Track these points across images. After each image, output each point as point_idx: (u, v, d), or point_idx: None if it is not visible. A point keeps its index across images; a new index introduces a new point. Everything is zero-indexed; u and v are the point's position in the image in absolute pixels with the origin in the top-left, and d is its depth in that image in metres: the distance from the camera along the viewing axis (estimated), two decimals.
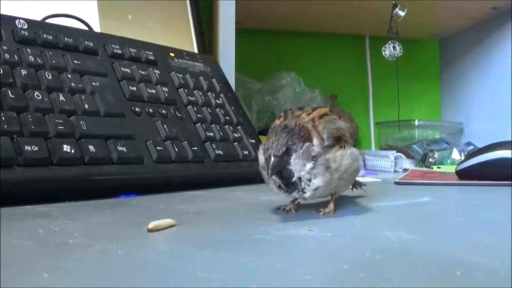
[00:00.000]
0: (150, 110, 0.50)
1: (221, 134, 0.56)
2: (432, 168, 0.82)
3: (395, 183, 0.58)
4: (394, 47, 0.93)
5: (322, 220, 0.32)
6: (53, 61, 0.45)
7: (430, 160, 0.86)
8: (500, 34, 1.00)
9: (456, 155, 0.86)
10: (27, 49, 0.44)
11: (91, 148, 0.41)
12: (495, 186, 0.53)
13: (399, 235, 0.27)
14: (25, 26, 0.46)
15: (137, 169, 0.44)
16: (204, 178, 0.51)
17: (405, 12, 0.88)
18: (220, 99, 0.60)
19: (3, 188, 0.34)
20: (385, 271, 0.20)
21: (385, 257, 0.22)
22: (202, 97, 0.58)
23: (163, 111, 0.51)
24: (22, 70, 0.42)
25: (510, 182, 0.51)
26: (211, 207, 0.39)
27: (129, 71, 0.52)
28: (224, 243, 0.26)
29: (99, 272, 0.19)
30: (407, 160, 0.87)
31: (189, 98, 0.56)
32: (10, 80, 0.41)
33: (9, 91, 0.39)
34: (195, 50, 0.75)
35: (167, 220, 0.29)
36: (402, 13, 0.88)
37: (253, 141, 0.59)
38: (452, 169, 0.66)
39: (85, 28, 0.60)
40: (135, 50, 0.54)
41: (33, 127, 0.38)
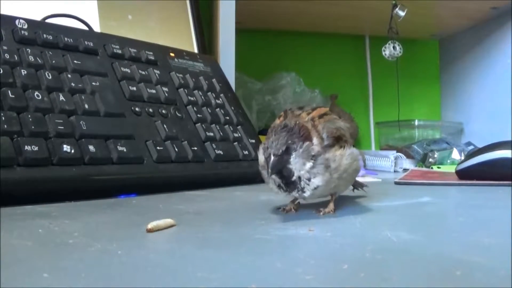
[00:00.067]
0: (150, 110, 0.50)
1: (221, 134, 0.56)
2: (432, 168, 0.82)
3: (395, 183, 0.58)
4: (394, 47, 0.93)
5: (322, 220, 0.32)
6: (53, 61, 0.45)
7: (430, 160, 0.86)
8: (500, 34, 1.00)
9: (456, 155, 0.86)
10: (27, 49, 0.44)
11: (91, 148, 0.41)
12: (495, 186, 0.53)
13: (399, 235, 0.27)
14: (25, 26, 0.46)
15: (137, 169, 0.44)
16: (204, 178, 0.51)
17: (405, 12, 0.88)
18: (220, 99, 0.60)
19: (3, 188, 0.34)
20: (385, 271, 0.20)
21: (385, 257, 0.22)
22: (202, 97, 0.58)
23: (163, 111, 0.51)
24: (22, 70, 0.42)
25: (510, 182, 0.51)
26: (211, 207, 0.39)
27: (129, 71, 0.52)
28: (224, 243, 0.26)
29: (99, 272, 0.19)
30: (407, 160, 0.87)
31: (189, 98, 0.56)
32: (10, 80, 0.41)
33: (9, 91, 0.39)
34: (195, 50, 0.75)
35: (167, 220, 0.29)
36: (402, 13, 0.88)
37: (253, 141, 0.59)
38: (452, 169, 0.66)
39: (85, 28, 0.60)
40: (135, 50, 0.54)
41: (33, 127, 0.38)
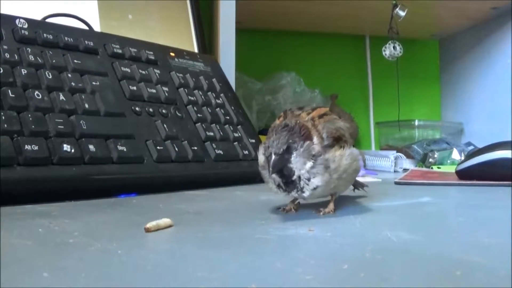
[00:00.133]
0: (150, 109, 0.50)
1: (221, 133, 0.56)
2: (432, 168, 0.82)
3: (395, 183, 0.58)
4: (394, 47, 0.93)
5: (322, 220, 0.32)
6: (53, 61, 0.45)
7: (430, 160, 0.86)
8: (500, 34, 1.00)
9: (456, 155, 0.86)
10: (27, 49, 0.44)
11: (91, 147, 0.41)
12: (495, 186, 0.53)
13: (399, 235, 0.27)
14: (25, 26, 0.46)
15: (137, 168, 0.44)
16: (204, 178, 0.51)
17: (405, 12, 0.88)
18: (220, 99, 0.60)
19: (3, 188, 0.34)
20: (385, 271, 0.20)
21: (385, 257, 0.22)
22: (202, 97, 0.58)
23: (163, 111, 0.51)
24: (22, 70, 0.42)
25: (510, 182, 0.51)
26: (211, 207, 0.39)
27: (129, 71, 0.52)
28: (224, 243, 0.26)
29: (99, 272, 0.19)
30: (407, 160, 0.87)
31: (189, 97, 0.56)
32: (10, 79, 0.41)
33: (9, 91, 0.39)
34: (195, 49, 0.75)
35: (165, 220, 0.29)
36: (402, 13, 0.88)
37: (253, 141, 0.59)
38: (452, 169, 0.66)
39: (85, 27, 0.60)
40: (135, 50, 0.54)
41: (33, 127, 0.38)
